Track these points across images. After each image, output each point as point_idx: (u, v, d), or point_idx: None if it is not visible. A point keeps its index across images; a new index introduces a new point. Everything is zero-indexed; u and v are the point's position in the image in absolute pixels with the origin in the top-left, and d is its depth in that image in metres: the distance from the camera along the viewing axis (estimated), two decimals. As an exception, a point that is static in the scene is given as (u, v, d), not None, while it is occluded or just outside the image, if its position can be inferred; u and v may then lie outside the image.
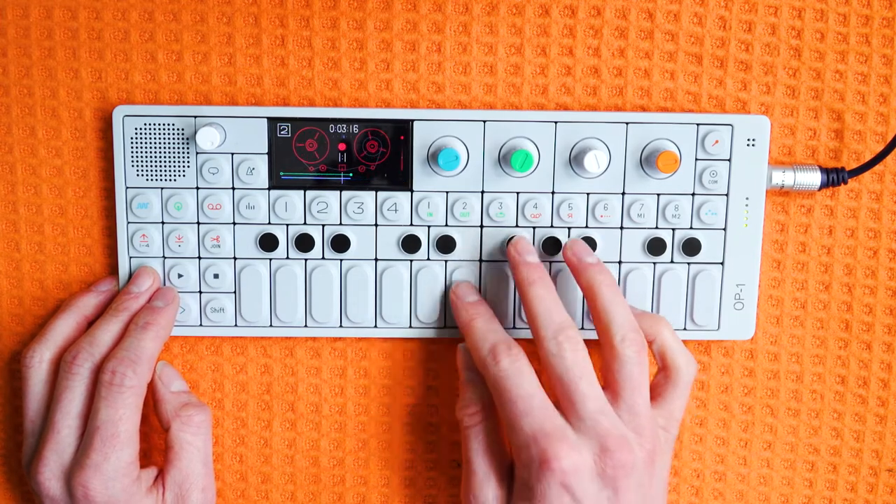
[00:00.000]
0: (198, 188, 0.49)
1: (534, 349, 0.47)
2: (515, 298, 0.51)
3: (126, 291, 0.49)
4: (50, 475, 0.46)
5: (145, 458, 0.52)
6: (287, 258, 0.50)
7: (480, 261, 0.50)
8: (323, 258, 0.50)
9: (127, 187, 0.49)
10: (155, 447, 0.52)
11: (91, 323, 0.50)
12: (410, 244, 0.50)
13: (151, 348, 0.47)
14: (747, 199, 0.50)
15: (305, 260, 0.50)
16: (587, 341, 0.47)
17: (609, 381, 0.46)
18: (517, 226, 0.50)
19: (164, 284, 0.50)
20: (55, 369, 0.48)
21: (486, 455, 0.47)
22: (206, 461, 0.49)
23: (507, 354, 0.46)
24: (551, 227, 0.50)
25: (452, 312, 0.50)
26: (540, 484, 0.43)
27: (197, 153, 0.49)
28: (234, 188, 0.49)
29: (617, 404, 0.45)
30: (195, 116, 0.49)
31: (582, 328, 0.51)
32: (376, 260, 0.50)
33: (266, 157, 0.49)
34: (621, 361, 0.46)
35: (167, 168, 0.49)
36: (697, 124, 0.49)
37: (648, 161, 0.49)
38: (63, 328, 0.49)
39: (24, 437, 0.49)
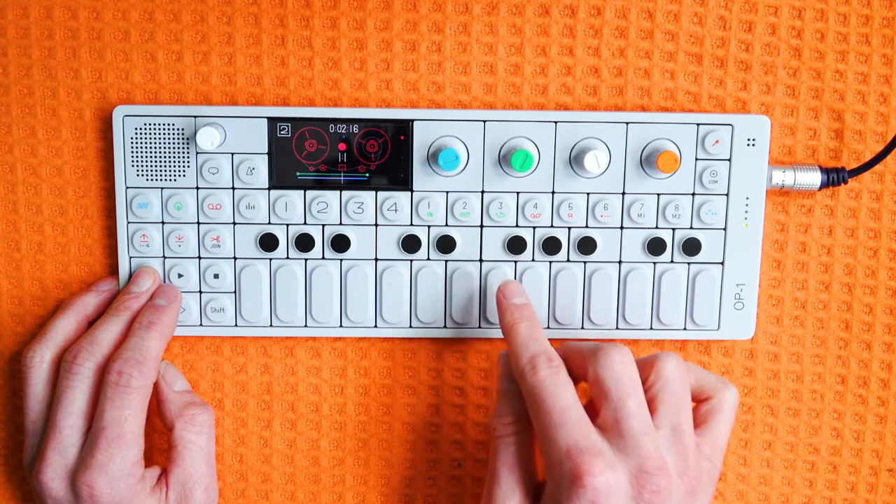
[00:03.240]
0: (198, 188, 0.49)
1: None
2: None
3: (126, 291, 0.49)
4: (53, 475, 0.46)
5: (146, 459, 0.52)
6: (287, 258, 0.50)
7: (480, 261, 0.50)
8: (323, 258, 0.50)
9: (127, 187, 0.49)
10: (156, 447, 0.52)
11: (92, 323, 0.50)
12: (410, 244, 0.50)
13: (156, 348, 0.47)
14: (747, 198, 0.50)
15: (305, 260, 0.50)
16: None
17: (650, 402, 0.44)
18: (517, 226, 0.50)
19: (165, 283, 0.50)
20: (56, 369, 0.48)
21: (515, 469, 0.45)
22: (209, 460, 0.49)
23: (547, 366, 0.44)
24: (551, 227, 0.50)
25: (497, 311, 0.49)
26: (570, 501, 0.41)
27: (197, 153, 0.49)
28: (234, 188, 0.49)
29: (660, 425, 0.43)
30: (195, 116, 0.49)
31: (582, 328, 0.51)
32: (376, 260, 0.50)
33: (266, 157, 0.49)
34: (665, 378, 0.44)
35: (167, 168, 0.49)
36: (697, 124, 0.49)
37: (648, 161, 0.49)
38: (63, 328, 0.49)
39: (26, 437, 0.49)
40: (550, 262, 0.50)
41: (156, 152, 0.49)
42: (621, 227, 0.50)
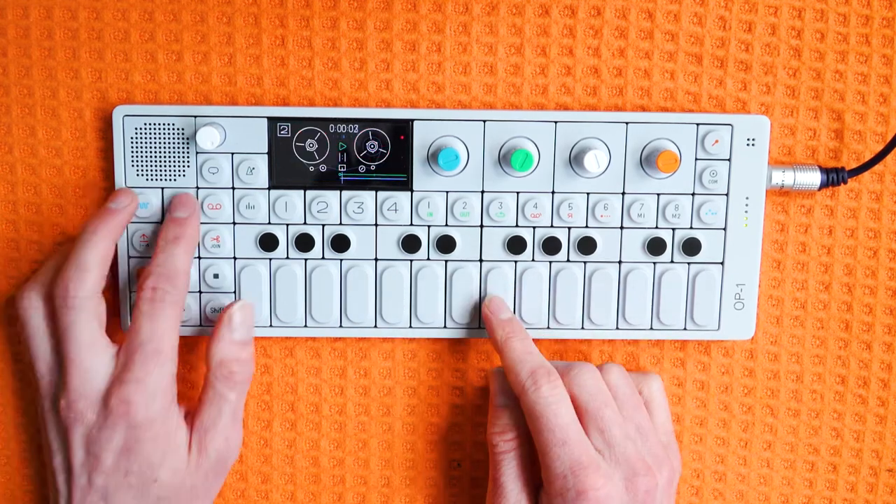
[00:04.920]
0: (198, 188, 0.49)
1: None
2: (515, 297, 0.51)
3: (105, 209, 0.47)
4: (85, 403, 0.45)
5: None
6: (287, 258, 0.50)
7: (480, 261, 0.50)
8: (323, 258, 0.50)
9: (127, 187, 0.49)
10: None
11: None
12: (410, 244, 0.50)
13: (185, 261, 0.47)
14: (747, 199, 0.50)
15: (305, 260, 0.50)
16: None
17: None
18: (517, 225, 0.50)
19: (181, 193, 0.49)
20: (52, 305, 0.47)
21: (519, 479, 0.47)
22: (234, 415, 0.48)
23: (547, 381, 0.46)
24: (551, 226, 0.50)
25: (485, 327, 0.50)
26: None
27: (197, 153, 0.49)
28: (234, 188, 0.49)
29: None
30: (195, 116, 0.49)
31: (582, 328, 0.51)
32: (376, 260, 0.50)
33: (266, 156, 0.49)
34: (615, 386, 0.48)
35: (167, 168, 0.49)
36: (697, 124, 0.49)
37: (648, 161, 0.49)
38: (53, 264, 0.48)
39: (38, 378, 0.47)
40: (550, 262, 0.50)
41: (156, 152, 0.49)
42: (621, 227, 0.50)
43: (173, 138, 0.49)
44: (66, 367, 0.45)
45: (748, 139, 0.49)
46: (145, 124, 0.49)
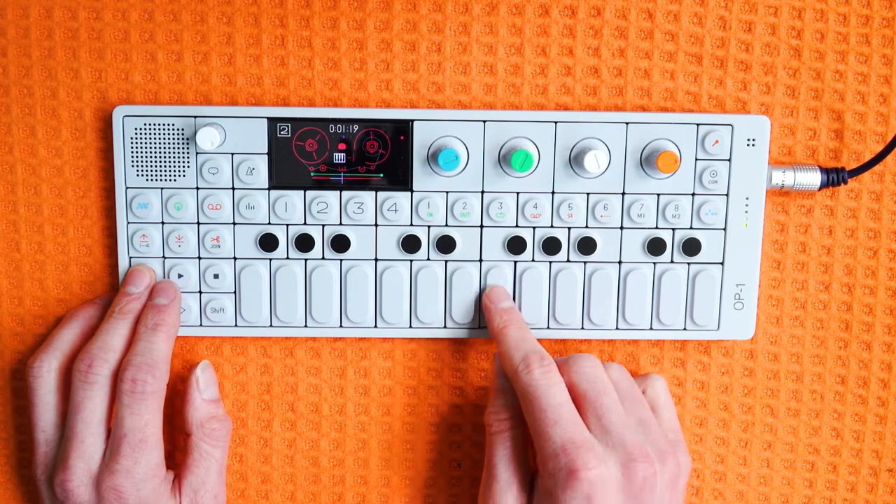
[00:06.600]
0: (198, 188, 0.49)
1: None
2: (515, 297, 0.51)
3: (125, 293, 0.49)
4: (79, 482, 0.46)
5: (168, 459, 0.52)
6: (287, 258, 0.50)
7: (480, 261, 0.50)
8: (323, 258, 0.50)
9: (127, 187, 0.49)
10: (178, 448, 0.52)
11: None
12: (410, 244, 0.50)
13: (165, 349, 0.48)
14: (747, 199, 0.50)
15: (305, 260, 0.50)
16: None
17: None
18: (517, 226, 0.50)
19: (162, 280, 0.50)
20: (63, 378, 0.48)
21: (511, 462, 0.47)
22: (220, 470, 0.50)
23: (539, 365, 0.46)
24: (551, 227, 0.50)
25: (484, 315, 0.50)
26: (565, 494, 0.43)
27: (197, 153, 0.49)
28: (234, 188, 0.49)
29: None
30: (195, 116, 0.49)
31: (582, 328, 0.51)
32: (376, 260, 0.50)
33: (266, 157, 0.49)
34: (615, 380, 0.48)
35: (167, 168, 0.49)
36: (697, 124, 0.49)
37: (648, 161, 0.49)
38: (68, 336, 0.49)
39: (36, 446, 0.48)
40: (550, 262, 0.50)
41: (156, 152, 0.49)
42: (621, 228, 0.50)
43: (173, 138, 0.49)
44: (69, 444, 0.47)
45: (748, 139, 0.49)
46: (145, 124, 0.49)
